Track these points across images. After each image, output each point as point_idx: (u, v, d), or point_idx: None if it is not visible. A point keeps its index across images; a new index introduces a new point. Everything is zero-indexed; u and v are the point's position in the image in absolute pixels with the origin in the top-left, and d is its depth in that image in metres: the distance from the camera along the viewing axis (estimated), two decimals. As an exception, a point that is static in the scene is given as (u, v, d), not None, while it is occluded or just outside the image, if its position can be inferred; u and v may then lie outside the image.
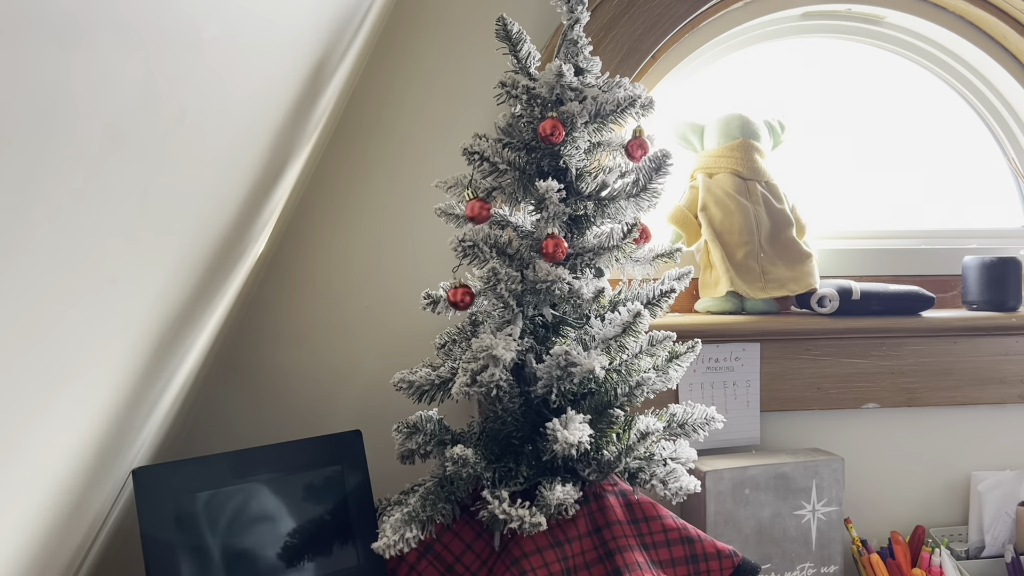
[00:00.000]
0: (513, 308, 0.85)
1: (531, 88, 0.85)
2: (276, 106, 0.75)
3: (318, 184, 1.13)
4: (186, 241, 0.67)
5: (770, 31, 1.38)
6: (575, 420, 0.81)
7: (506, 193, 0.87)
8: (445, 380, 0.87)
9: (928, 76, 1.46)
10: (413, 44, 1.14)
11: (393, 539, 0.80)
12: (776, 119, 1.32)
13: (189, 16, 0.47)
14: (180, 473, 0.83)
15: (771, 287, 1.20)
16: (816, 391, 1.22)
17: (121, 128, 0.45)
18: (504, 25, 0.86)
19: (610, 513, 0.88)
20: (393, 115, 1.14)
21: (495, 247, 0.84)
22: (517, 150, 0.86)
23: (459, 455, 0.81)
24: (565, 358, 0.82)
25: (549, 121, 0.83)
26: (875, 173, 1.47)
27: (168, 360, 0.80)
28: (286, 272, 1.13)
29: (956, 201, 1.48)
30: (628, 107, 0.86)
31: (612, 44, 1.17)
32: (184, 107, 0.53)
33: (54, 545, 0.70)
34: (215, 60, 0.55)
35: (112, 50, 0.40)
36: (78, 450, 0.66)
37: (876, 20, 1.40)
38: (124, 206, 0.51)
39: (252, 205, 0.83)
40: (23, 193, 0.39)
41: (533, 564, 0.82)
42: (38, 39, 0.34)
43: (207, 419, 1.11)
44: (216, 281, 0.83)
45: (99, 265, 0.52)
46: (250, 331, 1.12)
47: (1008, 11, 1.32)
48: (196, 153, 0.59)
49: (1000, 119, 1.45)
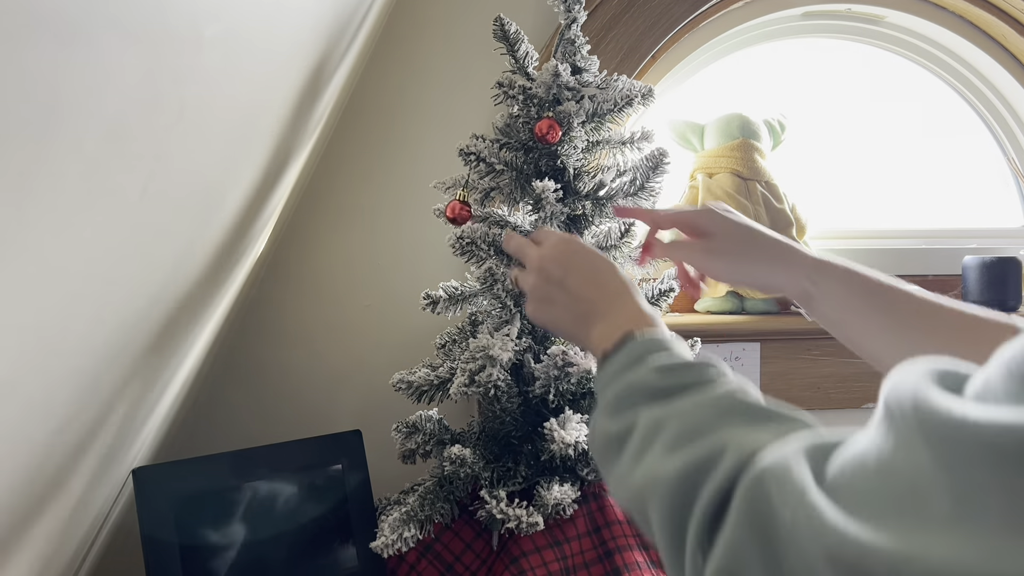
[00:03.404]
0: (511, 308, 0.85)
1: (527, 88, 0.84)
2: (277, 105, 0.75)
3: (318, 184, 1.13)
4: (186, 241, 0.67)
5: (770, 31, 1.38)
6: (572, 420, 0.81)
7: (504, 193, 0.87)
8: (444, 380, 0.87)
9: (928, 76, 1.46)
10: (413, 44, 1.14)
11: (391, 538, 0.80)
12: (776, 119, 1.32)
13: (190, 15, 0.48)
14: (180, 473, 0.83)
15: (771, 287, 1.19)
16: (816, 391, 1.22)
17: (121, 127, 0.45)
18: (501, 25, 0.86)
19: (610, 513, 0.88)
20: (393, 115, 1.14)
21: (493, 246, 0.84)
22: (515, 150, 0.86)
23: (457, 455, 0.81)
24: (562, 358, 0.82)
25: (545, 121, 0.83)
26: (875, 173, 1.47)
27: (168, 360, 0.80)
28: (286, 272, 1.13)
29: (956, 201, 1.48)
30: (626, 105, 0.86)
31: (612, 44, 1.17)
32: (184, 106, 0.53)
33: (54, 545, 0.70)
34: (216, 59, 0.55)
35: (112, 49, 0.40)
36: (78, 450, 0.66)
37: (876, 20, 1.40)
38: (124, 206, 0.51)
39: (252, 205, 0.83)
40: (23, 192, 0.39)
41: (532, 563, 0.82)
42: (38, 39, 0.34)
43: (207, 419, 1.11)
44: (216, 281, 0.83)
45: (99, 265, 0.52)
46: (250, 331, 1.12)
47: (1008, 11, 1.32)
48: (196, 153, 0.60)
49: (1000, 119, 1.45)
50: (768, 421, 0.44)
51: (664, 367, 0.52)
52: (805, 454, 0.36)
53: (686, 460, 0.42)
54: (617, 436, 0.51)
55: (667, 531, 0.42)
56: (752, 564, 0.35)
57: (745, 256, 0.70)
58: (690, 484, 0.41)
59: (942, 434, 0.29)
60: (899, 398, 0.32)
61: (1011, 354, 0.29)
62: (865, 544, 0.29)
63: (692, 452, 0.43)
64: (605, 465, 0.53)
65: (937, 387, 0.31)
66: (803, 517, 0.32)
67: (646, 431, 0.48)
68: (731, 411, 0.45)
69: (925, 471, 0.29)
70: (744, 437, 0.41)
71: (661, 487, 0.43)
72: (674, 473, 0.42)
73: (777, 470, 0.36)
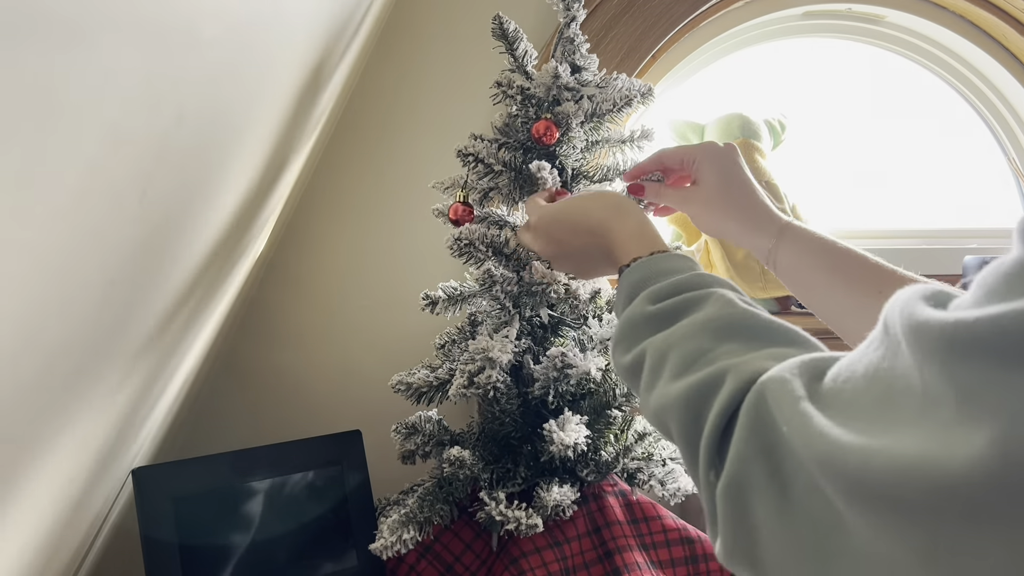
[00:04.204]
0: (510, 309, 0.85)
1: (526, 88, 0.84)
2: (276, 106, 0.75)
3: (318, 184, 1.13)
4: (185, 241, 0.67)
5: (770, 31, 1.37)
6: (571, 421, 0.81)
7: (503, 194, 0.87)
8: (443, 382, 0.87)
9: (928, 76, 1.46)
10: (413, 44, 1.14)
11: (390, 540, 0.80)
12: (776, 119, 1.32)
13: (189, 16, 0.47)
14: (180, 473, 0.83)
15: (771, 287, 1.19)
16: (816, 391, 1.21)
17: (121, 128, 0.45)
18: (500, 23, 0.86)
19: (609, 513, 0.88)
20: (393, 115, 1.14)
21: (491, 246, 0.84)
22: (513, 150, 0.86)
23: (456, 456, 0.81)
24: (561, 359, 0.82)
25: (543, 122, 0.82)
26: (875, 173, 1.47)
27: (168, 360, 0.80)
28: (286, 272, 1.13)
29: (956, 201, 1.48)
30: (625, 105, 0.85)
31: (612, 44, 1.17)
32: (184, 107, 0.53)
33: (54, 545, 0.70)
34: (215, 60, 0.55)
35: (112, 50, 0.40)
36: (78, 450, 0.66)
37: (877, 20, 1.40)
38: (124, 206, 0.51)
39: (252, 205, 0.83)
40: (23, 192, 0.39)
41: (532, 564, 0.82)
42: (38, 39, 0.34)
43: (207, 419, 1.11)
44: (216, 281, 0.83)
45: (98, 266, 0.52)
46: (250, 331, 1.12)
47: (1008, 11, 1.32)
48: (195, 153, 0.59)
49: (1000, 119, 1.45)
50: (763, 339, 0.47)
51: (657, 294, 0.55)
52: (800, 370, 0.39)
53: (690, 383, 0.46)
54: (631, 367, 0.54)
55: (684, 450, 0.46)
56: (757, 474, 0.38)
57: (718, 210, 0.75)
58: (695, 406, 0.44)
59: (918, 336, 0.31)
60: (890, 313, 0.34)
61: (983, 272, 0.31)
62: (844, 444, 0.32)
63: (695, 376, 0.46)
64: (632, 388, 0.57)
65: (925, 303, 0.33)
66: (797, 426, 0.35)
67: (653, 361, 0.51)
68: (728, 330, 0.48)
69: (901, 372, 0.32)
70: (741, 360, 0.44)
71: (671, 411, 0.47)
72: (681, 396, 0.46)
73: (775, 386, 0.39)
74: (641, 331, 0.54)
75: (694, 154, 0.77)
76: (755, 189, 0.75)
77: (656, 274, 0.57)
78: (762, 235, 0.73)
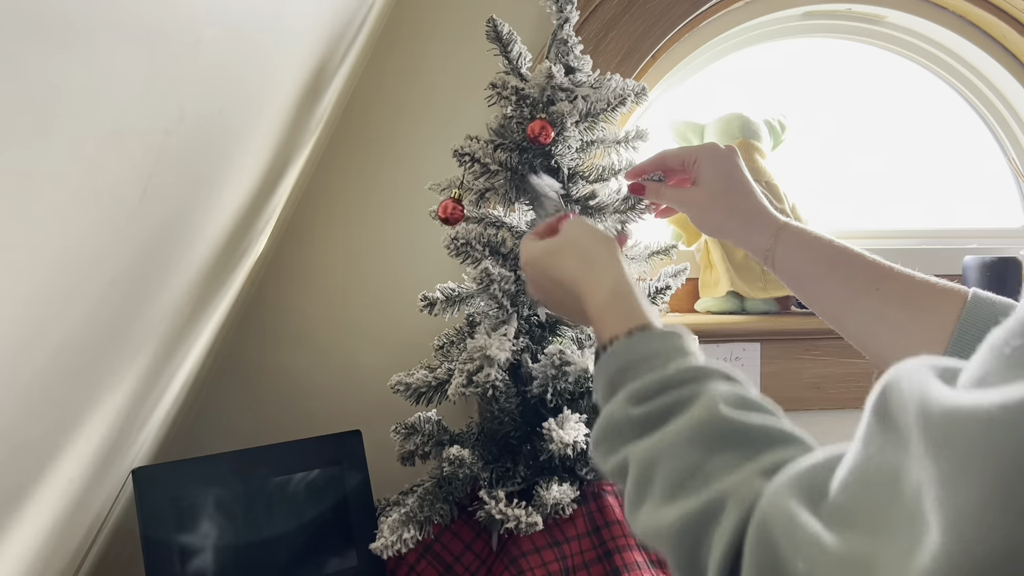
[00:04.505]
0: (508, 308, 0.85)
1: (520, 89, 0.84)
2: (276, 106, 0.75)
3: (318, 184, 1.13)
4: (186, 241, 0.68)
5: (770, 31, 1.38)
6: (571, 420, 0.81)
7: (499, 194, 0.87)
8: (442, 382, 0.87)
9: (928, 76, 1.46)
10: (413, 45, 1.15)
11: (391, 540, 0.80)
12: (776, 119, 1.32)
13: (189, 17, 0.48)
14: (180, 473, 0.83)
15: (771, 287, 1.20)
16: (816, 391, 1.22)
17: (121, 127, 0.45)
18: (494, 26, 0.86)
19: (609, 513, 0.88)
20: (393, 115, 1.14)
21: (488, 246, 0.84)
22: (509, 151, 0.86)
23: (455, 456, 0.81)
24: (559, 357, 0.82)
25: (537, 122, 0.83)
26: (875, 173, 1.47)
27: (168, 360, 0.80)
28: (286, 271, 1.13)
29: (956, 201, 1.48)
30: (619, 105, 0.86)
31: (612, 44, 1.17)
32: (184, 107, 0.53)
33: (54, 545, 0.70)
34: (215, 60, 0.55)
35: (112, 50, 0.40)
36: (78, 450, 0.66)
37: (876, 20, 1.40)
38: (124, 205, 0.51)
39: (253, 205, 0.83)
40: (23, 192, 0.39)
41: (531, 563, 0.82)
42: (38, 39, 0.34)
43: (207, 419, 1.11)
44: (216, 281, 0.83)
45: (98, 266, 0.52)
46: (250, 330, 1.12)
47: (1008, 11, 1.32)
48: (196, 153, 0.60)
49: (1000, 119, 1.45)
50: (756, 445, 0.43)
51: (639, 394, 0.50)
52: (800, 486, 0.36)
53: (685, 512, 0.42)
54: (615, 471, 0.50)
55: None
56: None
57: (718, 211, 0.75)
58: (692, 537, 0.41)
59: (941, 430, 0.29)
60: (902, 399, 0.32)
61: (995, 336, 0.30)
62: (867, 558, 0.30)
63: (689, 503, 0.42)
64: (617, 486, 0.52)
65: (937, 380, 0.31)
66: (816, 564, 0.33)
67: (638, 473, 0.47)
68: (718, 439, 0.44)
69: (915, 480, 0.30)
70: (739, 480, 0.41)
71: (664, 540, 0.43)
72: (675, 526, 0.42)
73: (779, 516, 0.36)
74: (624, 435, 0.49)
75: (695, 155, 0.77)
76: (755, 191, 0.76)
77: (637, 362, 0.52)
78: (761, 235, 0.73)
